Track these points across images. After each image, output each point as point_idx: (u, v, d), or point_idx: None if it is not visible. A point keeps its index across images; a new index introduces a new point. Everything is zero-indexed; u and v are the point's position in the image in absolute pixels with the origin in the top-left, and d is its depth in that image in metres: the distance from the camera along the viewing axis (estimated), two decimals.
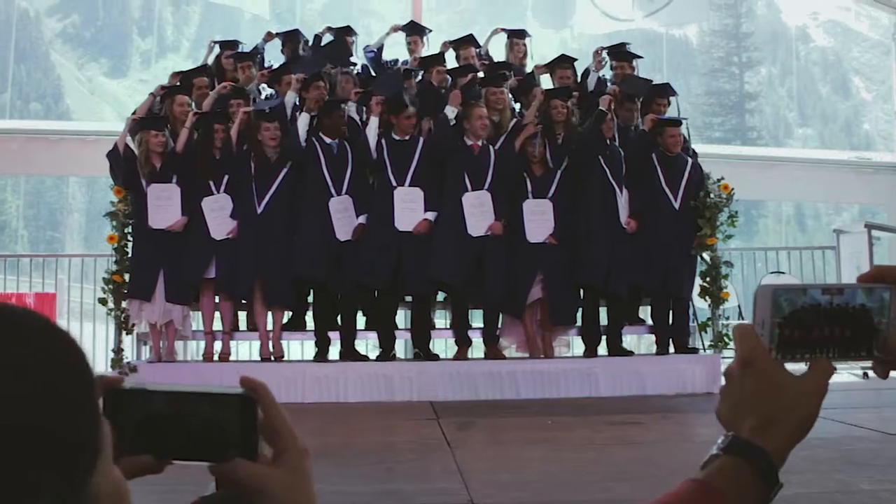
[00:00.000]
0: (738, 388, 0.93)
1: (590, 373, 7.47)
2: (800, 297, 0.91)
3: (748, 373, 0.92)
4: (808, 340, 0.91)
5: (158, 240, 7.31)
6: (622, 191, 7.64)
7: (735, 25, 30.48)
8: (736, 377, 0.93)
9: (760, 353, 0.91)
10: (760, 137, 29.49)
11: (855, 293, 0.91)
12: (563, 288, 7.56)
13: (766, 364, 0.91)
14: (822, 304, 0.91)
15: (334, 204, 7.37)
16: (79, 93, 31.67)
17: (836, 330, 0.91)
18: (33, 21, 29.82)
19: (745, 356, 0.92)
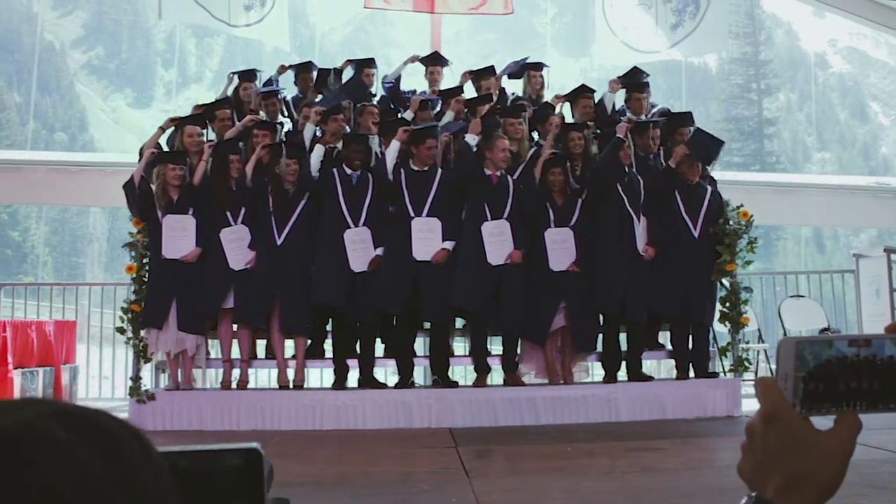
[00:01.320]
0: (760, 445, 0.89)
1: (610, 398, 7.44)
2: (825, 350, 0.87)
3: (772, 430, 0.88)
4: (835, 394, 0.88)
5: (172, 270, 7.35)
6: (640, 219, 7.65)
7: (754, 53, 30.55)
8: (759, 433, 0.89)
9: (784, 408, 0.88)
10: (779, 162, 29.44)
11: (883, 344, 0.88)
12: (584, 314, 7.56)
13: (790, 421, 0.88)
14: (849, 357, 0.87)
15: (349, 235, 7.39)
16: (103, 123, 32.07)
17: (864, 383, 0.88)
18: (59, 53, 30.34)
19: (769, 412, 0.89)
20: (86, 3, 33.22)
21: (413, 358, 7.71)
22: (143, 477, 0.67)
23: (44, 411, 0.66)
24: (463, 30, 8.11)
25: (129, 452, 0.67)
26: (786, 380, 0.88)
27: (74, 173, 11.97)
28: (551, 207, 7.57)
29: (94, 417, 0.67)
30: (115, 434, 0.67)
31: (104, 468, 0.63)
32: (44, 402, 0.67)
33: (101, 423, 0.67)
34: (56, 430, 0.64)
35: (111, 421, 0.68)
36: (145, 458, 0.68)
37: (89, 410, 0.67)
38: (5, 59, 30.54)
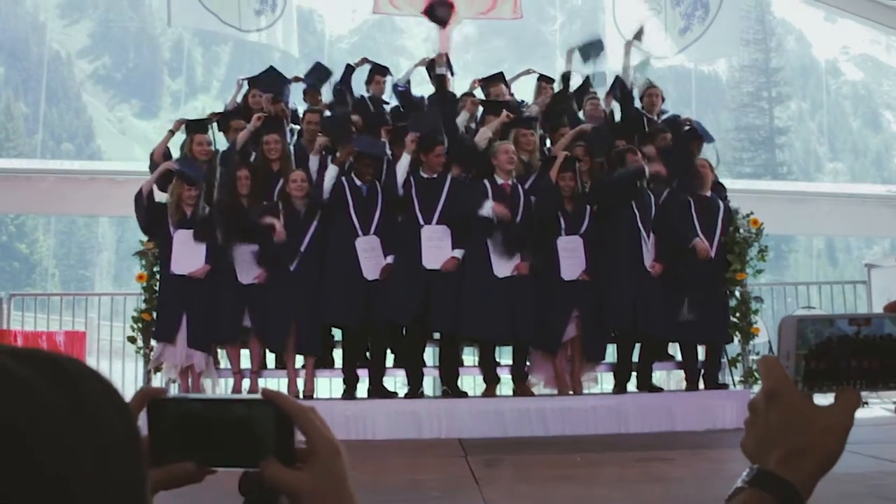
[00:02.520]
0: (763, 420, 0.92)
1: (619, 409, 7.39)
2: (826, 329, 0.89)
3: (773, 405, 0.91)
4: (835, 372, 0.89)
5: (182, 285, 7.33)
6: (649, 235, 7.60)
7: (765, 60, 30.46)
8: (761, 410, 0.92)
9: (786, 385, 0.90)
10: (791, 172, 29.35)
11: (883, 323, 0.89)
12: (594, 324, 7.52)
13: (791, 396, 0.90)
14: (850, 335, 0.89)
15: (360, 243, 7.35)
16: (109, 133, 32.21)
17: (864, 361, 0.89)
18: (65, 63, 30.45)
19: (771, 388, 0.91)
20: (92, 11, 33.38)
21: (423, 368, 7.68)
22: (100, 408, 0.69)
23: (6, 350, 0.68)
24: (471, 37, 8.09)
25: (85, 385, 0.69)
26: (787, 358, 0.90)
27: (83, 182, 11.99)
28: (562, 214, 7.53)
29: (50, 355, 0.70)
30: (69, 369, 0.69)
31: (58, 397, 0.66)
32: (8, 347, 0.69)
33: (57, 359, 0.69)
34: (9, 363, 0.66)
35: (69, 359, 0.70)
36: (102, 392, 0.70)
37: (45, 351, 0.70)
38: (13, 67, 30.71)
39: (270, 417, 0.91)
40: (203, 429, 0.91)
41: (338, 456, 0.93)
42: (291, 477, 0.90)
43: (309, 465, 0.91)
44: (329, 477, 0.92)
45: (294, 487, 0.90)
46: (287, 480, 0.90)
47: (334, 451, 0.92)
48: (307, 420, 0.92)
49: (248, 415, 0.91)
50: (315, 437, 0.91)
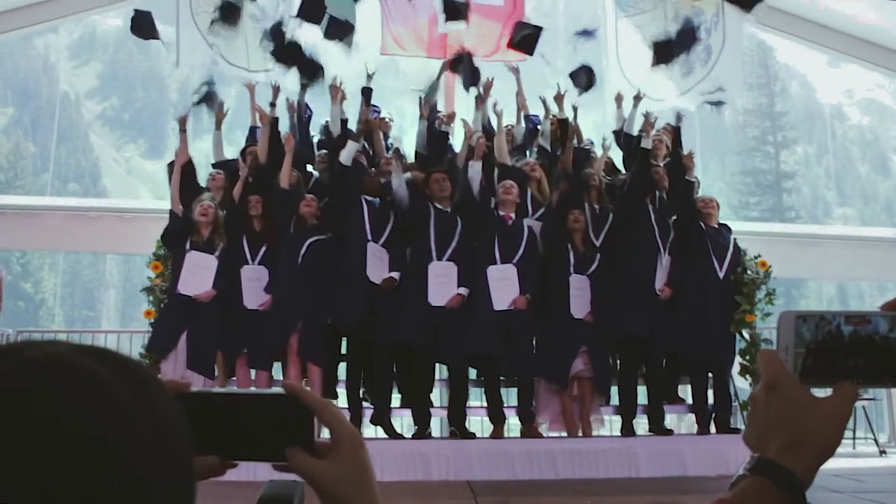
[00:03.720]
0: (763, 411, 0.95)
1: (629, 452, 7.31)
2: (823, 327, 0.91)
3: (773, 397, 0.94)
4: (833, 369, 0.92)
5: (185, 305, 7.39)
6: (665, 252, 7.65)
7: (769, 105, 30.64)
8: (761, 401, 0.95)
9: (784, 377, 0.93)
10: (799, 217, 29.37)
11: (879, 322, 0.91)
12: (603, 358, 7.58)
13: (790, 388, 0.93)
14: (847, 334, 0.91)
15: (371, 248, 7.44)
16: (116, 173, 32.43)
17: (861, 359, 0.91)
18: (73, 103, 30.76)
19: (770, 380, 0.94)
20: (101, 53, 33.78)
21: (430, 408, 7.63)
22: (163, 408, 0.73)
23: (72, 346, 0.73)
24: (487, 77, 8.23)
25: (150, 385, 0.74)
26: (786, 352, 0.92)
27: (92, 220, 12.02)
28: (572, 250, 7.56)
29: (117, 353, 0.75)
30: (136, 368, 0.74)
31: (131, 396, 0.70)
32: (70, 342, 0.74)
33: (124, 358, 0.74)
34: (85, 360, 0.71)
35: (132, 359, 0.75)
36: (163, 393, 0.75)
37: (110, 349, 0.75)
38: (24, 108, 31.02)
39: (292, 411, 0.93)
40: (226, 422, 0.93)
41: (360, 446, 0.96)
42: (317, 467, 0.93)
43: (332, 455, 0.94)
44: (353, 466, 0.95)
45: (319, 477, 0.93)
46: (313, 470, 0.93)
47: (357, 442, 0.96)
48: (329, 412, 0.95)
49: (271, 408, 0.94)
50: (338, 428, 0.95)
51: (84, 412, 0.67)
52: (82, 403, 0.68)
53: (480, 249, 7.50)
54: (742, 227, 11.59)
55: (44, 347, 0.72)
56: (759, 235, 12.19)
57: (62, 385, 0.69)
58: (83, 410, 0.67)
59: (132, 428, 0.69)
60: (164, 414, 0.73)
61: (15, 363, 0.70)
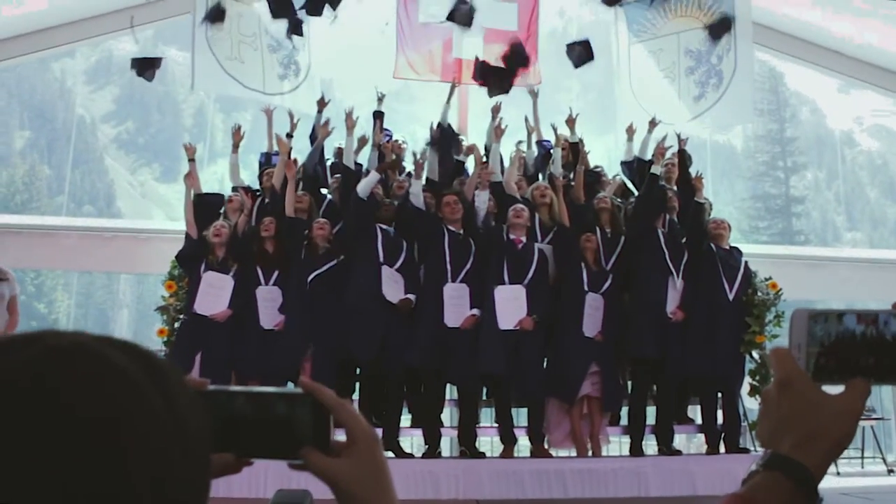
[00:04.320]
0: (775, 408, 0.95)
1: (639, 472, 7.31)
2: (835, 326, 0.92)
3: (785, 393, 0.94)
4: (845, 367, 0.93)
5: (201, 324, 7.45)
6: (678, 275, 7.68)
7: (779, 130, 30.65)
8: (773, 398, 0.96)
9: (796, 374, 0.94)
10: (808, 241, 29.31)
11: (890, 320, 0.93)
12: (612, 378, 7.59)
13: (802, 384, 0.94)
14: (858, 334, 0.92)
15: (386, 271, 7.47)
16: (130, 196, 32.62)
17: (873, 358, 0.92)
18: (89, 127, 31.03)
19: (783, 378, 0.95)
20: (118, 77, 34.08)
21: (440, 428, 7.64)
22: (184, 403, 0.74)
23: (96, 337, 0.73)
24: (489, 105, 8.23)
25: (173, 380, 0.74)
26: (798, 350, 0.93)
27: (107, 240, 12.10)
28: (585, 270, 7.60)
29: (141, 347, 0.75)
30: (159, 362, 0.75)
31: (153, 389, 0.71)
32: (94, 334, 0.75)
33: (148, 352, 0.75)
34: (109, 351, 0.71)
35: (156, 354, 0.76)
36: (185, 389, 0.76)
37: (135, 343, 0.76)
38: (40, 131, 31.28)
39: (308, 409, 0.94)
40: (243, 420, 0.93)
41: (376, 444, 0.97)
42: (332, 465, 0.94)
43: (347, 453, 0.95)
44: (369, 464, 0.95)
45: (335, 475, 0.93)
46: (328, 468, 0.94)
47: (373, 440, 0.96)
48: (345, 411, 0.96)
49: (287, 407, 0.94)
50: (354, 426, 0.96)
51: (106, 401, 0.68)
52: (105, 392, 0.68)
53: (490, 272, 7.55)
54: (753, 249, 11.60)
55: (67, 336, 0.72)
56: (770, 258, 12.21)
57: (85, 373, 0.69)
58: (106, 399, 0.68)
59: (153, 420, 0.69)
60: (185, 409, 0.73)
61: (38, 350, 0.70)
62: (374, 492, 0.95)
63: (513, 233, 7.63)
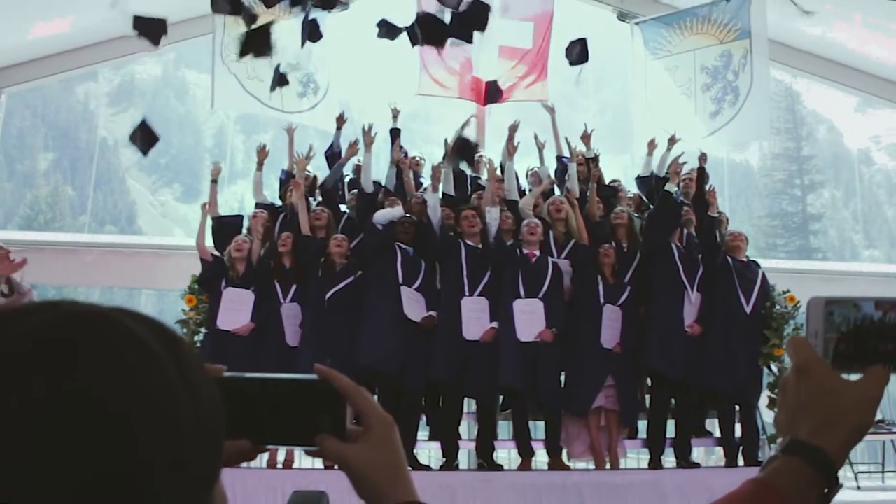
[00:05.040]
0: (794, 395, 0.95)
1: (657, 485, 7.29)
2: (853, 313, 0.93)
3: (803, 380, 0.94)
4: (863, 354, 0.93)
5: (224, 340, 7.50)
6: (693, 290, 7.69)
7: (796, 149, 30.58)
8: (792, 385, 0.96)
9: (814, 361, 0.94)
10: (826, 259, 29.17)
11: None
12: (629, 390, 7.58)
13: (820, 371, 0.94)
14: (876, 320, 0.92)
15: (406, 291, 7.50)
16: (151, 216, 32.89)
17: (891, 345, 0.92)
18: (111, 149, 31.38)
19: (800, 365, 0.95)
20: (139, 100, 34.50)
21: (458, 441, 7.65)
22: (201, 380, 0.72)
23: (118, 308, 0.72)
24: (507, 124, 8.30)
25: (192, 359, 0.73)
26: (815, 337, 0.93)
27: (128, 256, 12.21)
28: (602, 283, 7.64)
29: (163, 323, 0.74)
30: (178, 337, 0.74)
31: (170, 362, 0.69)
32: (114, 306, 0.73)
33: (168, 327, 0.74)
34: (130, 322, 0.70)
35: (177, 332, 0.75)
36: (204, 371, 0.74)
37: (156, 319, 0.74)
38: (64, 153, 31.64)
39: (324, 396, 0.95)
40: (259, 407, 0.94)
41: (392, 430, 0.98)
42: (348, 451, 0.95)
43: (364, 439, 0.96)
44: (384, 451, 0.96)
45: (351, 461, 0.95)
46: (344, 454, 0.95)
47: (388, 425, 0.98)
48: (361, 397, 0.96)
49: (303, 394, 0.95)
50: (369, 412, 0.97)
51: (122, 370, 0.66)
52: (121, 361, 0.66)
53: (505, 286, 7.58)
54: (771, 264, 11.59)
55: (85, 304, 0.70)
56: (788, 272, 12.18)
57: (100, 340, 0.67)
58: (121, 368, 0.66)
59: (169, 394, 0.67)
60: (201, 386, 0.71)
61: (56, 315, 0.68)
62: (390, 477, 0.96)
63: (526, 247, 7.67)
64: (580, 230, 7.91)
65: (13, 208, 29.55)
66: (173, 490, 0.65)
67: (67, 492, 0.61)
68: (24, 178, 31.70)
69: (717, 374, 7.53)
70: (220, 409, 0.74)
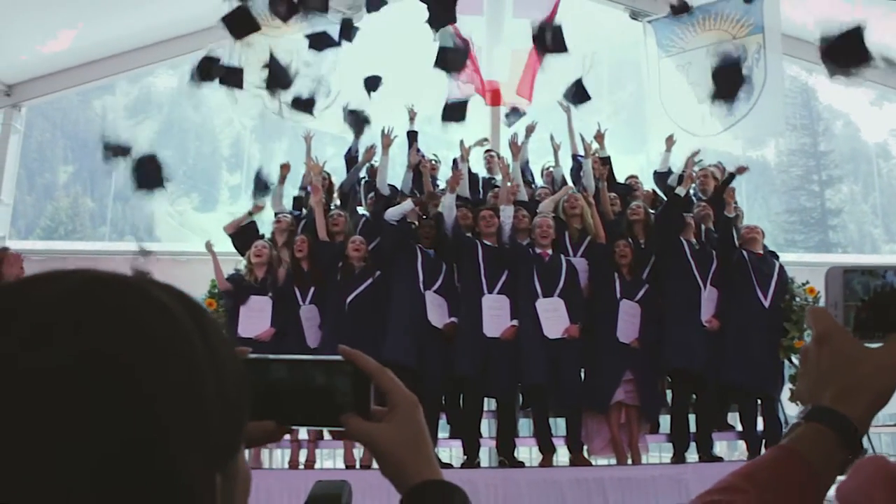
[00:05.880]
0: (815, 364, 0.96)
1: (679, 479, 7.27)
2: (873, 280, 0.93)
3: (825, 349, 0.95)
4: (885, 321, 0.93)
5: (242, 343, 7.51)
6: (706, 287, 7.68)
7: (813, 144, 30.40)
8: (813, 355, 0.96)
9: (835, 329, 0.94)
10: (846, 254, 28.99)
11: None
12: (649, 383, 7.59)
13: (841, 339, 0.94)
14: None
15: (430, 296, 7.56)
16: (169, 225, 33.07)
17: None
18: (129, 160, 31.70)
19: (821, 333, 0.95)
20: (156, 111, 34.73)
21: (479, 439, 7.67)
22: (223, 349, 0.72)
23: (144, 277, 0.72)
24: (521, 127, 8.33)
25: (213, 325, 0.72)
26: (836, 307, 0.93)
27: (148, 263, 12.27)
28: (619, 279, 7.64)
29: (192, 298, 0.74)
30: (201, 306, 0.73)
31: (192, 326, 0.68)
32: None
33: (188, 294, 0.74)
34: (152, 287, 0.70)
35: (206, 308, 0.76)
36: (223, 335, 0.74)
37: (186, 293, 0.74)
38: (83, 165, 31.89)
39: (348, 376, 0.95)
40: (284, 389, 0.95)
41: (417, 409, 0.99)
42: (373, 429, 0.96)
43: (389, 418, 0.97)
44: (410, 428, 0.97)
45: (376, 439, 0.96)
46: (369, 433, 0.96)
47: (413, 404, 0.99)
48: (386, 377, 0.98)
49: (327, 374, 0.96)
50: (394, 391, 0.98)
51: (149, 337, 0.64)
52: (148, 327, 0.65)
53: (522, 285, 7.60)
54: (789, 257, 11.54)
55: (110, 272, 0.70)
56: (808, 265, 12.11)
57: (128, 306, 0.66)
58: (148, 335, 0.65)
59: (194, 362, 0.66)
60: (225, 360, 0.70)
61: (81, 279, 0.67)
62: (415, 455, 0.97)
63: (539, 247, 7.70)
64: (596, 227, 7.93)
65: (34, 220, 29.87)
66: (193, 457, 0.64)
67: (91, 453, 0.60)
68: (44, 191, 32.05)
69: (736, 369, 7.52)
70: (244, 381, 0.73)
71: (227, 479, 0.70)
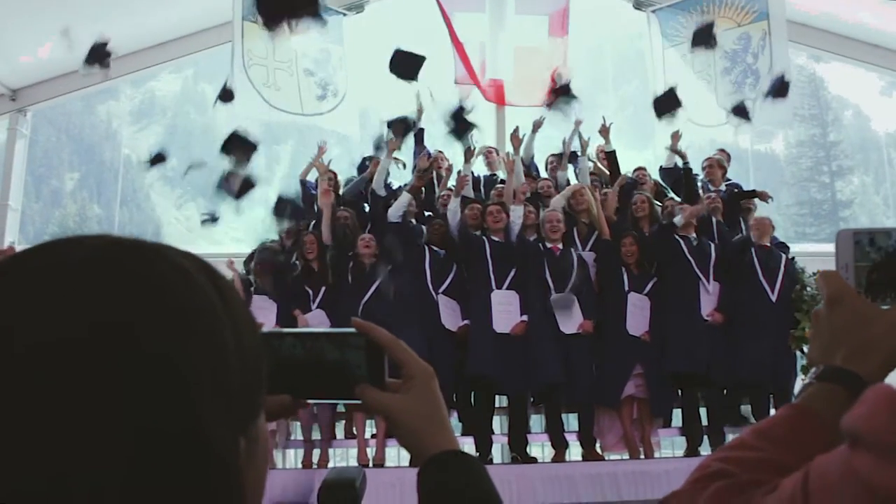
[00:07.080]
0: (827, 326, 0.95)
1: None
2: (884, 241, 0.93)
3: (836, 310, 0.94)
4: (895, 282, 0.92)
5: None
6: (709, 282, 7.61)
7: (822, 135, 30.28)
8: (824, 317, 0.96)
9: (846, 290, 0.94)
10: None
11: None
12: (659, 378, 7.50)
13: (852, 300, 0.93)
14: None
15: (443, 300, 7.55)
16: (176, 231, 33.22)
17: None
18: (135, 167, 31.82)
19: (832, 295, 0.95)
20: (161, 116, 34.88)
21: (491, 435, 7.62)
22: (239, 308, 0.71)
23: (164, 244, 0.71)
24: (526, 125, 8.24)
25: (228, 286, 0.72)
26: (846, 269, 0.94)
27: None
28: (627, 273, 7.59)
29: (212, 266, 0.73)
30: (217, 271, 0.72)
31: (212, 291, 0.68)
32: None
33: (205, 260, 0.72)
34: (172, 252, 0.69)
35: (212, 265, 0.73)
36: (238, 295, 0.73)
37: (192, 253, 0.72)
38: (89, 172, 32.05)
39: (362, 349, 0.95)
40: (298, 362, 0.95)
41: (432, 380, 0.98)
42: (389, 399, 0.96)
43: (405, 389, 0.97)
44: (426, 399, 0.97)
45: (392, 410, 0.95)
46: (385, 403, 0.96)
47: (429, 375, 0.98)
48: (400, 348, 0.97)
49: (341, 347, 0.95)
50: (410, 362, 0.97)
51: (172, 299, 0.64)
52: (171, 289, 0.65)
53: (533, 281, 7.55)
54: (802, 248, 11.47)
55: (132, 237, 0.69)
56: (819, 256, 12.03)
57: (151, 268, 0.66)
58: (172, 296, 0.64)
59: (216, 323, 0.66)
60: (244, 323, 0.70)
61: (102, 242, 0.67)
62: (432, 426, 0.96)
63: (549, 242, 7.65)
64: (600, 222, 7.87)
65: (42, 227, 30.01)
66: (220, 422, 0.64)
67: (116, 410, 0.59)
68: (51, 198, 32.24)
69: (746, 365, 7.45)
70: (261, 345, 0.73)
71: (251, 443, 0.70)
